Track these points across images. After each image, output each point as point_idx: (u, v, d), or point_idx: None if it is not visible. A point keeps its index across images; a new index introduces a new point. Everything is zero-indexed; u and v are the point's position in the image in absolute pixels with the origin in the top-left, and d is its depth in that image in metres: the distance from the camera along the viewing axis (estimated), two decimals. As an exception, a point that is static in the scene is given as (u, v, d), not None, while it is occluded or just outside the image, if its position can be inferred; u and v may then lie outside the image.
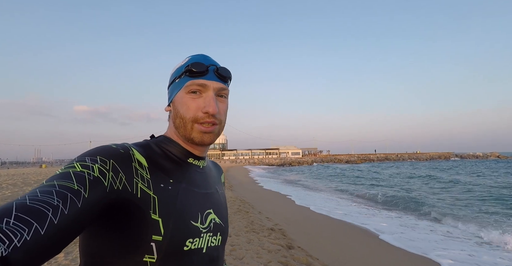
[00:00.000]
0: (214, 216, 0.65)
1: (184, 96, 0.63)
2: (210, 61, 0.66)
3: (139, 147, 0.60)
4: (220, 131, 0.65)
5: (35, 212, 0.38)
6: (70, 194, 0.43)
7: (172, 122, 0.66)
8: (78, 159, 0.50)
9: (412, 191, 13.48)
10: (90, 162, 0.49)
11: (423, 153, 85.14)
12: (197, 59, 0.65)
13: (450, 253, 4.65)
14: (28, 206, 0.39)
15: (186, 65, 0.64)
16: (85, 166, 0.48)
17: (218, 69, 0.64)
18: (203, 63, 0.63)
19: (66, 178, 0.45)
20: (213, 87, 0.62)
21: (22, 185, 11.16)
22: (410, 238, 5.54)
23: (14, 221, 0.36)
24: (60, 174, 0.46)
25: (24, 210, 0.38)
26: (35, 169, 31.83)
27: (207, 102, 0.61)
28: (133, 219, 0.52)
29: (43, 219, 0.38)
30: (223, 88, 0.64)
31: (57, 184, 0.44)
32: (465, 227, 6.60)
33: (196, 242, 0.58)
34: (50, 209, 0.40)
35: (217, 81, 0.63)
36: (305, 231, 5.73)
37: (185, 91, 0.63)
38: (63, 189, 0.43)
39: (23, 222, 0.37)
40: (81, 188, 0.45)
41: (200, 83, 0.62)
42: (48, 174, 18.72)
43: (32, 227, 0.37)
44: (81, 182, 0.46)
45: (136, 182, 0.53)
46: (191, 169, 0.65)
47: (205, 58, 0.66)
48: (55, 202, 0.41)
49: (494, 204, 9.66)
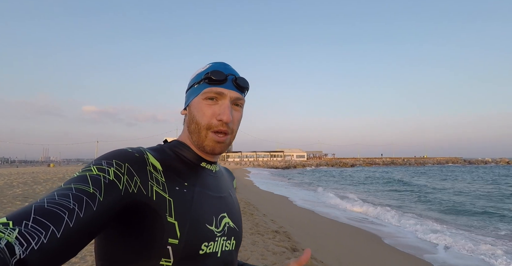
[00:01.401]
0: (228, 220, 0.65)
1: (201, 102, 0.64)
2: (229, 70, 0.67)
3: (154, 151, 0.61)
4: (231, 141, 0.66)
5: (52, 215, 0.40)
6: (85, 198, 0.44)
7: (186, 127, 0.67)
8: (95, 162, 0.51)
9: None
10: (106, 165, 0.50)
11: (430, 158, 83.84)
12: (217, 67, 0.66)
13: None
14: (46, 209, 0.40)
15: (206, 72, 0.65)
16: (101, 170, 0.49)
17: (236, 79, 0.65)
18: (222, 71, 0.64)
19: (82, 181, 0.46)
20: (230, 96, 0.63)
21: (32, 183, 11.42)
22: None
23: (32, 224, 0.37)
24: (77, 177, 0.48)
25: (42, 213, 0.39)
26: (43, 168, 32.48)
27: (222, 110, 0.62)
28: (149, 222, 0.52)
29: (60, 222, 0.40)
30: (239, 97, 0.65)
31: (73, 187, 0.45)
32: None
33: (211, 246, 0.58)
34: (66, 212, 0.41)
35: (235, 90, 0.64)
36: (309, 234, 5.75)
37: (202, 97, 0.64)
38: (79, 192, 0.44)
39: (41, 225, 0.38)
40: (96, 191, 0.46)
41: (217, 91, 0.63)
42: (56, 173, 19.10)
43: (49, 230, 0.38)
44: (96, 186, 0.46)
45: (151, 185, 0.54)
46: (204, 173, 0.66)
47: (225, 66, 0.67)
48: (71, 205, 0.42)
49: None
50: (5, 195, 7.90)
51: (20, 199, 7.35)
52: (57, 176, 16.01)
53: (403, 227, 7.05)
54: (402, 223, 7.51)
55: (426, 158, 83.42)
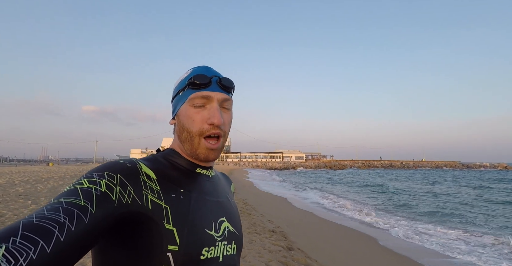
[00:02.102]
0: (227, 224, 0.64)
1: (189, 109, 0.63)
2: (212, 72, 0.66)
3: (146, 161, 0.61)
4: (224, 144, 0.66)
5: (41, 230, 0.38)
6: (77, 211, 0.43)
7: (177, 136, 0.66)
8: (86, 176, 0.51)
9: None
10: (98, 177, 0.50)
11: (429, 161, 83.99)
12: (200, 71, 0.65)
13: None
14: (35, 224, 0.39)
15: (189, 77, 0.64)
16: (92, 182, 0.49)
17: (221, 80, 0.64)
18: (205, 74, 0.63)
19: (73, 195, 0.46)
20: (217, 98, 0.63)
21: (33, 182, 11.53)
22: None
23: (20, 240, 0.36)
24: (67, 191, 0.47)
25: (30, 229, 0.38)
26: (43, 167, 32.50)
27: (212, 114, 0.61)
28: (147, 231, 0.52)
29: (49, 237, 0.38)
30: (226, 98, 0.64)
31: (64, 201, 0.44)
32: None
33: (212, 251, 0.58)
34: (57, 226, 0.40)
35: (221, 92, 0.64)
36: (305, 234, 5.91)
37: (189, 104, 0.63)
38: (70, 206, 0.43)
39: (29, 241, 0.37)
40: (88, 204, 0.45)
41: (204, 95, 0.62)
42: (56, 172, 19.20)
43: (38, 246, 0.37)
44: (88, 198, 0.46)
45: (146, 194, 0.53)
46: (200, 179, 0.65)
47: (207, 69, 0.66)
48: (62, 219, 0.41)
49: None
50: (8, 193, 8.04)
51: (23, 197, 7.49)
52: (57, 175, 16.11)
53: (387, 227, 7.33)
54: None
55: (424, 162, 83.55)
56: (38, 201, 7.12)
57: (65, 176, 15.63)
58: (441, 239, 6.42)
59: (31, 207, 6.27)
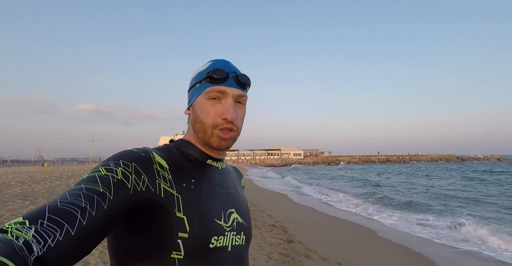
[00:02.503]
0: (236, 216, 0.66)
1: (204, 102, 0.64)
2: (230, 68, 0.67)
3: (159, 150, 0.63)
4: (236, 137, 0.67)
5: (66, 213, 0.41)
6: (96, 197, 0.46)
7: (191, 126, 0.68)
8: (103, 164, 0.53)
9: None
10: (114, 166, 0.52)
11: (424, 155, 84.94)
12: (218, 65, 0.66)
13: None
14: (59, 208, 0.41)
15: (207, 70, 0.65)
16: (109, 170, 0.51)
17: (238, 76, 0.65)
18: (223, 69, 0.64)
19: (92, 182, 0.48)
20: (232, 94, 0.64)
21: (30, 182, 11.44)
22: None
23: (47, 223, 0.39)
24: (87, 178, 0.50)
25: (55, 212, 0.41)
26: (38, 167, 32.12)
27: (226, 109, 0.63)
28: (159, 217, 0.54)
29: (73, 220, 0.41)
30: (241, 94, 0.65)
31: (84, 187, 0.47)
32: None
33: (221, 240, 0.59)
34: (79, 211, 0.42)
35: (237, 88, 0.65)
36: (305, 228, 5.98)
37: (205, 96, 0.64)
38: (90, 192, 0.46)
39: (56, 223, 0.39)
40: (106, 190, 0.47)
41: (220, 90, 0.63)
42: (52, 172, 19.03)
43: (63, 228, 0.40)
44: (106, 185, 0.48)
45: (159, 182, 0.56)
46: (210, 170, 0.67)
47: (226, 64, 0.67)
48: (83, 204, 0.44)
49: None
50: (5, 194, 7.97)
51: (20, 198, 7.43)
52: (54, 175, 15.99)
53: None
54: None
55: (420, 156, 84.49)
56: (36, 201, 7.07)
57: (62, 176, 15.52)
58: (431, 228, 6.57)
59: (29, 208, 6.22)
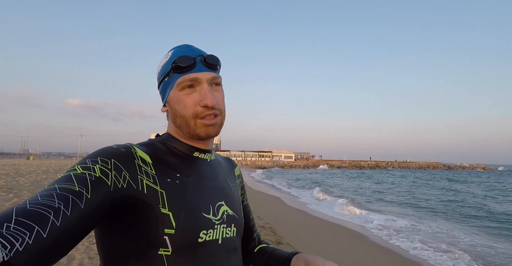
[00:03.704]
0: (226, 208, 0.65)
1: (178, 94, 0.61)
2: (195, 51, 0.62)
3: (142, 145, 0.61)
4: (222, 120, 0.65)
5: (36, 215, 0.38)
6: (71, 196, 0.43)
7: (171, 122, 0.65)
8: (79, 162, 0.51)
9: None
10: (91, 163, 0.50)
11: (413, 162, 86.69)
12: (182, 52, 0.62)
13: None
14: (29, 210, 0.39)
15: (171, 61, 0.61)
16: (86, 168, 0.49)
17: (205, 59, 0.61)
18: (188, 55, 0.60)
19: (66, 181, 0.45)
20: (205, 78, 0.60)
21: (15, 175, 11.11)
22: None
23: (14, 226, 0.36)
24: (61, 178, 0.47)
25: (24, 214, 0.38)
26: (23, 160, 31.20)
27: (203, 95, 0.59)
28: (143, 215, 0.52)
29: (45, 222, 0.38)
30: (215, 77, 0.62)
31: (57, 187, 0.44)
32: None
33: (210, 234, 0.59)
34: (52, 212, 0.40)
35: (208, 71, 0.61)
36: (294, 230, 6.02)
37: (177, 88, 0.60)
38: (64, 192, 0.43)
39: (24, 226, 0.36)
40: (82, 189, 0.45)
41: (191, 78, 0.59)
42: (39, 166, 18.54)
43: (33, 231, 0.37)
44: (82, 184, 0.46)
45: (141, 179, 0.54)
46: (198, 163, 0.65)
47: (189, 48, 0.63)
48: (56, 205, 0.41)
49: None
50: (-12, 186, 7.72)
51: (4, 190, 7.23)
52: (40, 168, 15.59)
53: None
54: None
55: (408, 162, 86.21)
56: (21, 194, 6.89)
57: (49, 170, 15.14)
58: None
59: (13, 201, 6.06)
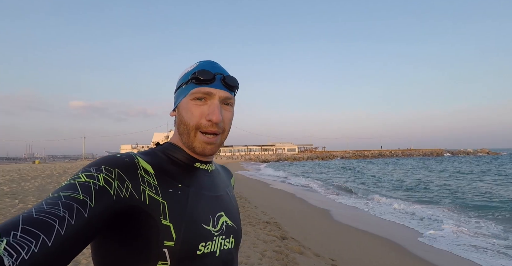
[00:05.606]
0: (226, 219, 0.64)
1: (189, 103, 0.62)
2: (217, 69, 0.64)
3: (144, 155, 0.61)
4: (222, 140, 0.65)
5: (42, 224, 0.39)
6: (76, 205, 0.43)
7: (176, 128, 0.66)
8: (83, 170, 0.51)
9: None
10: (95, 172, 0.50)
11: (416, 150, 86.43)
12: (205, 66, 0.64)
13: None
14: (35, 218, 0.39)
15: (193, 72, 0.63)
16: (90, 176, 0.49)
17: (225, 78, 0.63)
18: (210, 71, 0.62)
19: (71, 189, 0.46)
20: (218, 95, 0.62)
21: (19, 181, 11.20)
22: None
23: (21, 234, 0.37)
24: (65, 186, 0.47)
25: (30, 223, 0.38)
26: (29, 165, 31.52)
27: (211, 110, 0.60)
28: (144, 226, 0.52)
29: (50, 230, 0.39)
30: (229, 97, 0.63)
31: (62, 195, 0.44)
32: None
33: (209, 246, 0.58)
34: (57, 220, 0.40)
35: (224, 90, 0.63)
36: (298, 224, 6.02)
37: (190, 97, 0.62)
38: (69, 200, 0.43)
39: (30, 235, 0.37)
40: (87, 198, 0.45)
41: (206, 91, 0.61)
42: (43, 170, 18.69)
43: (39, 239, 0.37)
44: (86, 192, 0.46)
45: (144, 189, 0.53)
46: (199, 173, 0.65)
47: (213, 65, 0.65)
48: (61, 213, 0.41)
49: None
50: (-7, 193, 7.79)
51: (10, 196, 7.27)
52: (45, 173, 15.69)
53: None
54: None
55: (412, 150, 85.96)
56: (26, 200, 6.93)
57: (53, 173, 15.24)
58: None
59: (18, 206, 6.09)
